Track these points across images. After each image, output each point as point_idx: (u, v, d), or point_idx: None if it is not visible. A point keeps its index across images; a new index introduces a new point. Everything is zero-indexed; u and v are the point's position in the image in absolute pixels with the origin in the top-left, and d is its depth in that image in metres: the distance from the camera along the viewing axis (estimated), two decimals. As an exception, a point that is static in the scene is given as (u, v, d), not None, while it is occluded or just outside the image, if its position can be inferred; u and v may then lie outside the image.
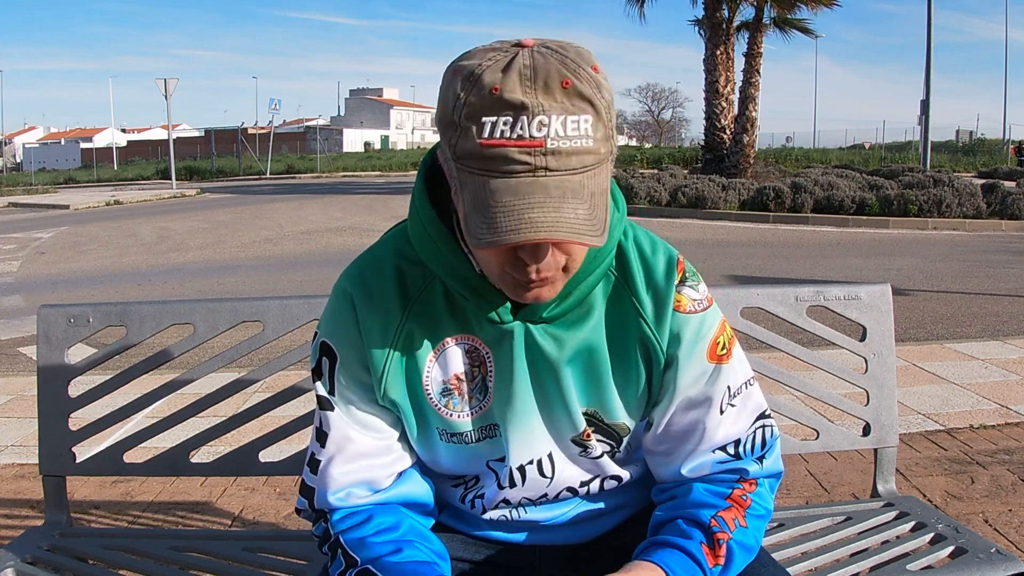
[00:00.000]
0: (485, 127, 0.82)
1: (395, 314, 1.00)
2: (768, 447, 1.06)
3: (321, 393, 1.03)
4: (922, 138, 21.50)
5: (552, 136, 0.81)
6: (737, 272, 7.67)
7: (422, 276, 1.01)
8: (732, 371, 1.05)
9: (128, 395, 1.65)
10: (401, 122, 78.87)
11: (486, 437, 1.03)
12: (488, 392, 1.02)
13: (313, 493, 1.03)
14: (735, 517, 1.00)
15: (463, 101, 0.83)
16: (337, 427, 1.01)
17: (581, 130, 0.83)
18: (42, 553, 1.51)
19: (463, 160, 0.84)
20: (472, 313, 1.00)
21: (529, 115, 0.81)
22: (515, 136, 0.81)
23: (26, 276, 8.87)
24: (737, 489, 1.03)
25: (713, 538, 0.98)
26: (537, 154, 0.81)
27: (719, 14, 19.16)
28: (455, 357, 1.02)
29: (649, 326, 1.01)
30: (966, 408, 3.46)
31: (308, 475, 1.04)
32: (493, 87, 0.82)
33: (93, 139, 68.91)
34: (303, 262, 9.16)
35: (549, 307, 0.98)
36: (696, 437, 1.04)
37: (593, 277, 0.99)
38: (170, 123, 27.14)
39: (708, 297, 1.06)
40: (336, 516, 1.02)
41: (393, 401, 1.02)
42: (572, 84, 0.82)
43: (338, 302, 1.03)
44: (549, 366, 1.00)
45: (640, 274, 1.02)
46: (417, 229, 0.99)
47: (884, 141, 44.44)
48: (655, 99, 73.83)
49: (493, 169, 0.82)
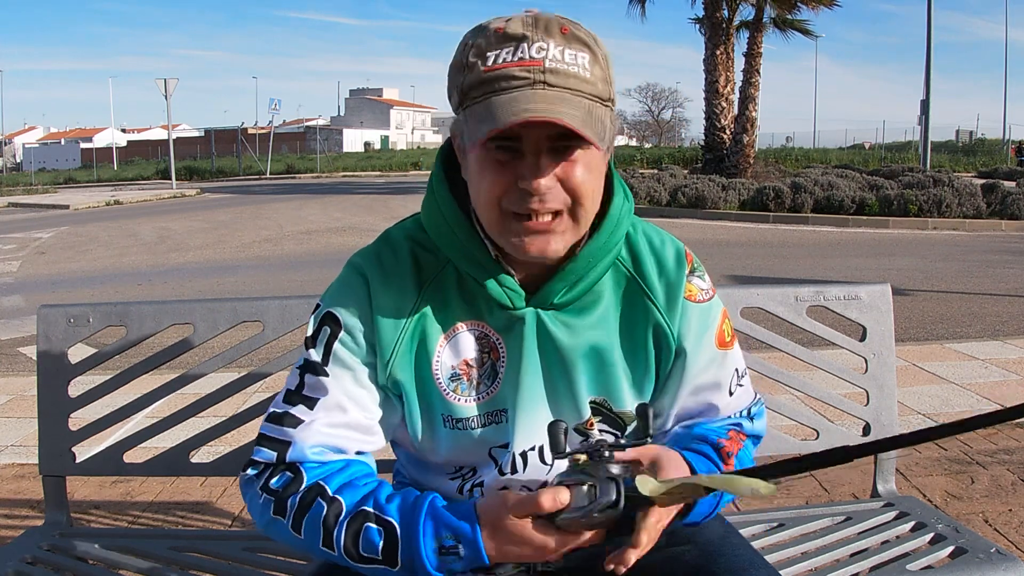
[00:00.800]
0: (489, 58, 0.89)
1: (409, 296, 1.01)
2: (755, 414, 1.14)
3: (313, 359, 1.01)
4: (922, 138, 21.49)
5: (550, 58, 0.89)
6: (737, 272, 7.68)
7: (436, 261, 1.03)
8: (737, 355, 1.12)
9: (128, 395, 1.65)
10: (401, 122, 78.89)
11: (491, 423, 1.04)
12: (498, 378, 1.03)
13: (288, 447, 1.00)
14: (735, 446, 1.07)
15: (471, 44, 0.91)
16: (332, 393, 1.00)
17: (579, 62, 0.90)
18: (42, 553, 1.51)
19: (469, 94, 0.90)
20: (484, 299, 1.01)
21: (529, 42, 0.89)
22: (516, 59, 0.88)
23: (26, 276, 8.87)
24: (732, 430, 1.10)
25: (721, 452, 1.04)
26: (535, 71, 0.88)
27: (719, 14, 19.16)
28: (466, 342, 1.03)
29: (662, 314, 1.04)
30: (966, 408, 3.46)
31: (276, 429, 1.00)
32: (498, 28, 0.90)
33: (93, 139, 68.91)
34: (303, 262, 9.16)
35: (560, 293, 1.00)
36: (706, 417, 1.10)
37: (602, 265, 1.01)
38: (170, 123, 27.15)
39: (712, 287, 1.10)
40: (310, 465, 0.99)
41: (397, 382, 1.02)
42: (570, 31, 0.90)
43: (351, 278, 1.03)
44: (560, 354, 1.02)
45: (652, 264, 1.05)
46: (433, 213, 1.01)
47: (884, 141, 44.44)
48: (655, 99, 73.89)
49: (495, 89, 0.88)
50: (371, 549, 0.93)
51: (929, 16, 18.92)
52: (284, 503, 0.97)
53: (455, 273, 1.02)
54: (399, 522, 0.93)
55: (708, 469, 1.00)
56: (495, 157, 0.91)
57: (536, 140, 0.90)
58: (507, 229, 0.93)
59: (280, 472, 1.00)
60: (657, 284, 1.05)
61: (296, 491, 0.97)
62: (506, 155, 0.91)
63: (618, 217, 1.01)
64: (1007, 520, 2.38)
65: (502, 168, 0.91)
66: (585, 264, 0.99)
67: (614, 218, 1.01)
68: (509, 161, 0.91)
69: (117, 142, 62.06)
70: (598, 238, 0.99)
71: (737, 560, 1.05)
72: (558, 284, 0.99)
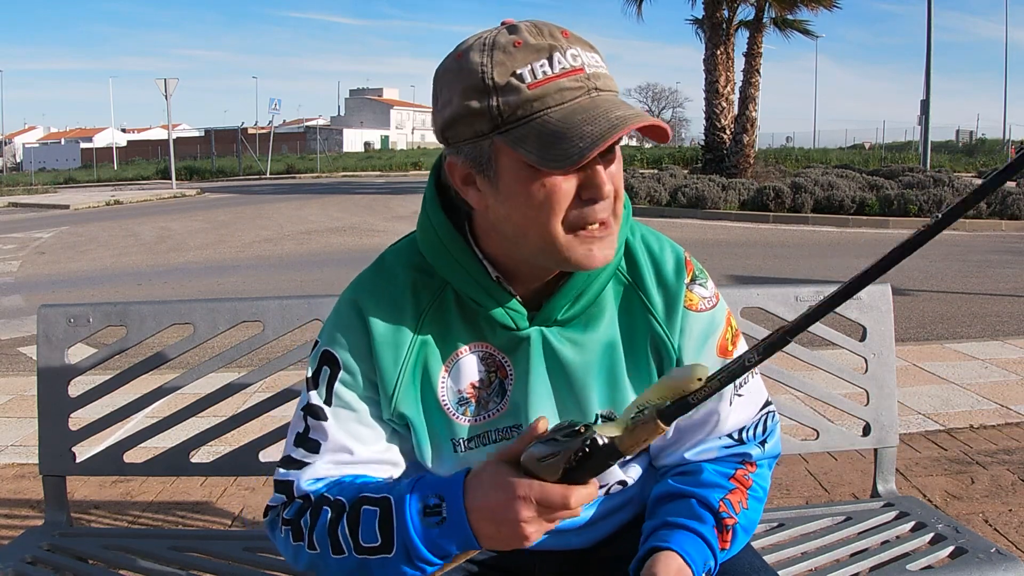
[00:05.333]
0: (525, 75, 0.84)
1: (409, 326, 0.99)
2: (769, 431, 1.09)
3: (315, 402, 0.99)
4: (922, 138, 21.48)
5: (587, 64, 0.86)
6: (737, 272, 7.68)
7: (434, 284, 1.00)
8: None
9: (128, 395, 1.65)
10: (401, 122, 78.86)
11: (501, 439, 1.02)
12: (506, 395, 1.01)
13: (294, 485, 0.99)
14: (740, 500, 1.02)
15: (490, 65, 0.84)
16: (333, 438, 0.98)
17: (602, 63, 0.88)
18: (42, 553, 1.51)
19: (514, 113, 0.84)
20: (486, 320, 0.98)
21: (560, 51, 0.85)
22: (558, 71, 0.84)
23: (26, 276, 8.86)
24: (740, 469, 1.05)
25: (723, 523, 0.99)
26: (583, 79, 0.85)
27: (719, 14, 19.15)
28: (469, 366, 1.01)
29: (660, 323, 1.02)
30: (966, 408, 3.46)
31: (286, 474, 1.00)
32: (514, 42, 0.85)
33: (93, 139, 68.85)
34: (303, 262, 9.16)
35: (563, 310, 0.98)
36: (707, 428, 1.06)
37: (604, 275, 0.99)
38: (170, 123, 27.14)
39: (716, 293, 1.07)
40: (317, 489, 0.98)
41: (403, 415, 1.00)
42: (570, 33, 0.87)
43: (347, 312, 1.01)
44: (567, 370, 1.00)
45: (650, 272, 1.03)
46: (429, 236, 0.98)
47: (884, 141, 44.45)
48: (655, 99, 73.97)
49: (550, 104, 0.84)
50: (370, 534, 0.90)
51: (929, 16, 18.92)
52: (299, 526, 0.96)
53: (454, 295, 1.00)
54: (392, 495, 0.91)
55: (703, 557, 0.96)
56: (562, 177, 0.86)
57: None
58: (571, 245, 0.89)
59: (291, 503, 0.99)
60: (655, 293, 1.02)
61: (307, 510, 0.96)
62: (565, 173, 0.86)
63: None
64: (1007, 520, 2.38)
65: (564, 180, 0.86)
66: (585, 278, 0.97)
67: None
68: (566, 171, 0.86)
69: (117, 142, 62.00)
70: None
71: (738, 563, 1.04)
72: (561, 300, 0.97)
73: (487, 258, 0.97)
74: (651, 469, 1.12)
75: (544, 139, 0.83)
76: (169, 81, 24.82)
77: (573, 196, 0.87)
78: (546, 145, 0.83)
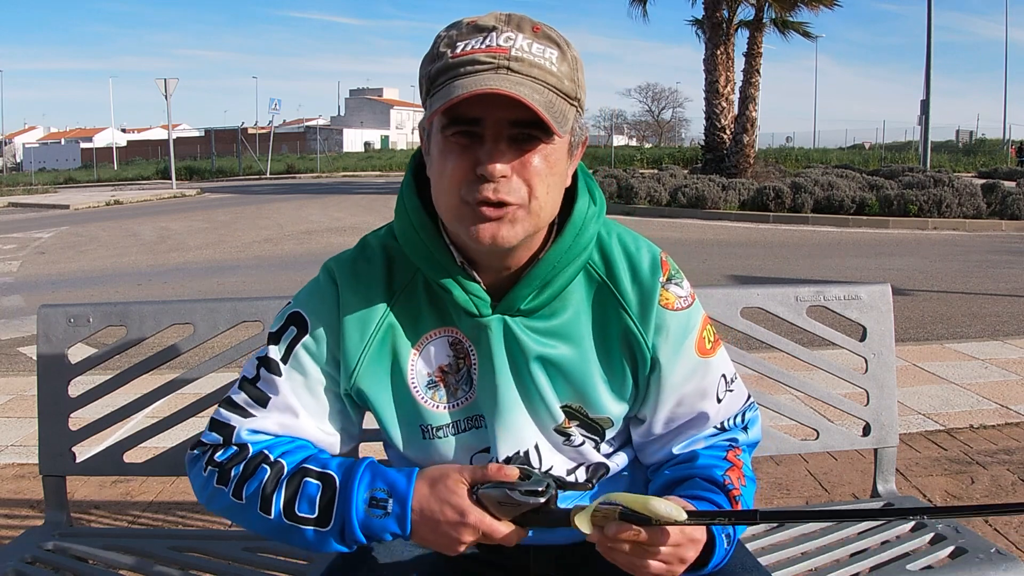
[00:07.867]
0: (458, 47, 0.90)
1: (379, 305, 1.01)
2: (749, 421, 1.12)
3: (272, 356, 1.01)
4: (922, 138, 21.47)
5: (517, 48, 0.89)
6: (737, 272, 7.67)
7: (408, 269, 1.02)
8: (723, 361, 1.09)
9: (128, 395, 1.65)
10: (401, 122, 78.84)
11: (471, 427, 1.04)
12: (473, 384, 1.03)
13: (234, 431, 1.00)
14: (738, 476, 1.05)
15: (443, 36, 0.92)
16: (283, 396, 1.01)
17: (546, 56, 0.90)
18: (42, 553, 1.51)
19: (435, 81, 0.90)
20: (452, 306, 1.00)
21: (498, 32, 0.90)
22: (483, 47, 0.89)
23: (26, 276, 8.86)
24: (730, 451, 1.08)
25: (731, 495, 1.02)
26: (500, 57, 0.88)
27: (719, 14, 19.16)
28: (439, 349, 1.03)
29: (633, 320, 1.02)
30: (966, 408, 3.46)
31: (227, 416, 1.01)
32: (470, 21, 0.92)
33: (93, 139, 68.86)
34: (303, 262, 9.15)
35: (527, 299, 0.99)
36: (696, 426, 1.08)
37: (571, 269, 0.99)
38: (170, 123, 27.13)
39: (691, 293, 1.07)
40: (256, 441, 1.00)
41: (361, 392, 1.01)
42: (542, 29, 0.92)
43: (324, 282, 1.04)
44: (528, 360, 1.01)
45: (625, 270, 1.03)
46: (402, 221, 1.01)
47: (884, 141, 44.44)
48: (655, 99, 73.89)
49: (459, 73, 0.88)
50: (307, 506, 0.95)
51: (929, 16, 18.92)
52: (228, 472, 0.99)
53: (424, 280, 1.01)
54: (339, 475, 0.95)
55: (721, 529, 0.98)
56: (456, 141, 0.90)
57: (496, 124, 0.89)
58: (463, 216, 0.92)
59: (226, 447, 1.01)
60: (630, 290, 1.03)
61: (241, 460, 0.99)
62: (466, 139, 0.90)
63: (583, 220, 0.99)
64: (1007, 520, 2.38)
65: (463, 153, 0.90)
66: (549, 268, 0.98)
67: (578, 221, 0.99)
68: (469, 146, 0.90)
69: (117, 142, 62.03)
70: (562, 241, 0.98)
71: (731, 563, 1.04)
72: (524, 290, 0.98)
73: (454, 244, 0.98)
74: (638, 463, 1.13)
75: (438, 102, 0.88)
76: (169, 81, 24.83)
77: (468, 170, 0.90)
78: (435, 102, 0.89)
